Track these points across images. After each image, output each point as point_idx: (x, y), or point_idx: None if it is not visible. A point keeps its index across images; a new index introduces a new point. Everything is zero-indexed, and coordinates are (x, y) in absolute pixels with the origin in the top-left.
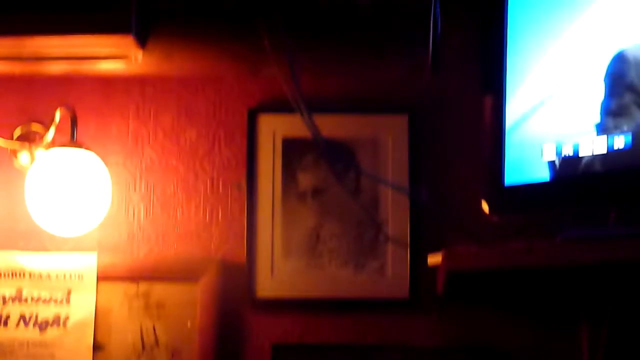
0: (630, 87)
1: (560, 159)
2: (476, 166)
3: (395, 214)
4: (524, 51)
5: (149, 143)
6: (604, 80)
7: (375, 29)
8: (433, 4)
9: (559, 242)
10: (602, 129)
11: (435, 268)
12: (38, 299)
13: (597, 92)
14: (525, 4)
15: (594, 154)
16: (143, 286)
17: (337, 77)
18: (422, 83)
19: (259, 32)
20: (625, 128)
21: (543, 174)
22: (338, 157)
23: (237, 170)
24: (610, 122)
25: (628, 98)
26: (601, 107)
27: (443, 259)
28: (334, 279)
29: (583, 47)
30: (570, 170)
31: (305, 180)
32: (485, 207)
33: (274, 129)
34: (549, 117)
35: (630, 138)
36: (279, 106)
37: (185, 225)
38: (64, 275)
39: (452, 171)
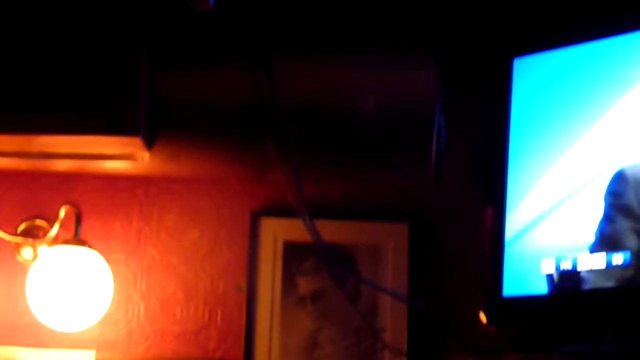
0: (627, 210)
1: (559, 273)
2: (475, 277)
3: (394, 322)
4: (526, 165)
5: (152, 242)
6: (604, 199)
7: (378, 138)
8: (436, 115)
9: (556, 358)
10: (596, 250)
11: None
12: None
13: (598, 209)
14: (528, 119)
15: (593, 269)
16: None
17: (340, 184)
18: (423, 192)
19: (264, 137)
20: (623, 248)
21: (541, 287)
22: (338, 262)
23: (238, 271)
24: (604, 246)
25: (623, 224)
26: (597, 228)
27: None
28: None
29: (586, 163)
30: (568, 285)
31: (305, 284)
32: (483, 318)
33: (276, 233)
34: (549, 231)
35: (629, 255)
36: (282, 210)
37: (184, 324)
38: None
39: (452, 281)
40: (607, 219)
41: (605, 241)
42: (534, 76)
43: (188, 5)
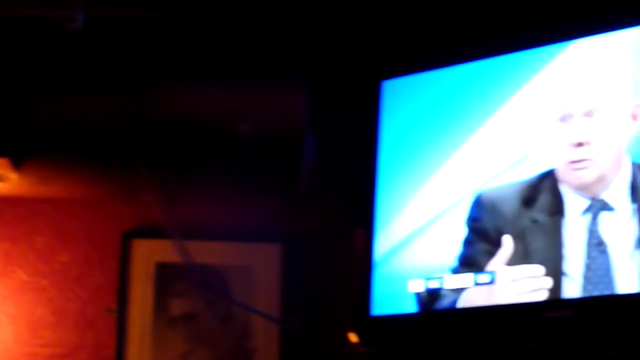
0: (484, 234)
1: (427, 292)
2: (346, 297)
3: (266, 344)
4: (396, 187)
5: (20, 264)
6: (465, 225)
7: (251, 161)
8: (306, 138)
9: None
10: (458, 272)
11: None
12: None
13: (460, 231)
14: (398, 141)
15: (460, 288)
16: None
17: (212, 205)
18: (295, 213)
19: (135, 158)
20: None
21: (410, 306)
22: (210, 284)
23: (109, 293)
24: (461, 269)
25: (480, 247)
26: (458, 253)
27: None
28: None
29: (452, 186)
30: (436, 303)
31: (177, 306)
32: (353, 338)
33: (148, 254)
34: (417, 252)
35: (494, 275)
36: (154, 231)
37: (54, 347)
38: None
39: (323, 301)
40: (467, 242)
41: (466, 263)
42: (402, 99)
43: (57, 24)
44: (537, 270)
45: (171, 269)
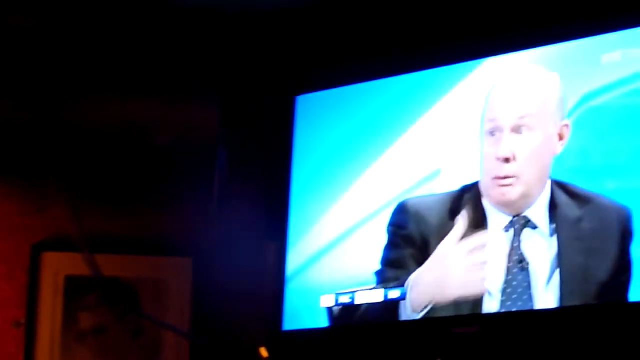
0: (409, 240)
1: (338, 307)
2: (258, 311)
3: (177, 358)
4: (309, 202)
5: None
6: (386, 230)
7: (163, 174)
8: (219, 152)
9: None
10: (380, 278)
11: None
12: None
13: (379, 242)
14: (312, 156)
15: (371, 302)
16: None
17: (123, 218)
18: (207, 228)
19: (45, 171)
20: (402, 279)
21: (322, 321)
22: (119, 297)
23: (18, 307)
24: (388, 272)
25: (406, 251)
26: (382, 257)
27: None
28: None
29: (365, 201)
30: (347, 318)
31: (86, 319)
32: (264, 352)
33: (58, 267)
34: (329, 267)
35: (405, 290)
36: (64, 244)
37: None
38: None
39: (235, 316)
40: (391, 246)
41: (388, 269)
42: (317, 113)
43: None
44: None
45: (81, 282)
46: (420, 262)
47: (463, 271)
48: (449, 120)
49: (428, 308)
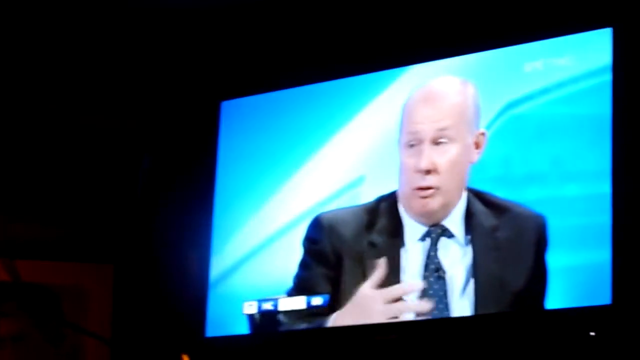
0: (321, 256)
1: (261, 314)
2: (180, 318)
3: None
4: (233, 208)
5: None
6: (302, 244)
7: (87, 181)
8: (143, 159)
9: None
10: (294, 294)
11: None
12: None
13: (298, 253)
14: (237, 162)
15: (293, 310)
16: None
17: (45, 224)
18: (128, 234)
19: None
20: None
21: (244, 329)
22: (39, 304)
23: None
24: (300, 291)
25: (317, 270)
26: (295, 273)
27: None
28: None
29: (288, 208)
30: (269, 325)
31: (5, 326)
32: (186, 359)
33: None
34: (252, 274)
35: (328, 297)
36: None
37: None
38: None
39: (157, 323)
40: (304, 264)
41: (302, 286)
42: (242, 119)
43: None
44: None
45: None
46: (333, 281)
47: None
48: (372, 129)
49: None
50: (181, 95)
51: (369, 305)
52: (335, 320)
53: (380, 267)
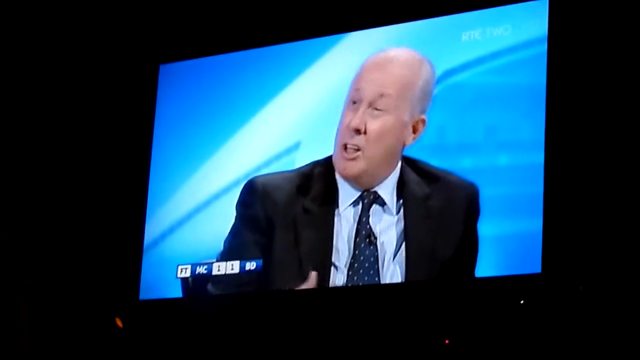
0: (254, 222)
1: (194, 277)
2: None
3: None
4: (169, 171)
5: None
6: (235, 209)
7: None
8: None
9: None
10: (231, 254)
11: None
12: None
13: (232, 217)
14: (175, 125)
15: (227, 274)
16: None
17: None
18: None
19: None
20: (250, 256)
21: (178, 291)
22: None
23: None
24: (231, 256)
25: (248, 237)
26: (226, 239)
27: None
28: None
29: (224, 172)
30: (202, 289)
31: None
32: (119, 322)
33: None
34: (186, 237)
35: (261, 262)
36: None
37: None
38: None
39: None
40: (235, 230)
41: (232, 252)
42: (180, 83)
43: None
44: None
45: None
46: (264, 248)
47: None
48: (309, 95)
49: None
50: (120, 57)
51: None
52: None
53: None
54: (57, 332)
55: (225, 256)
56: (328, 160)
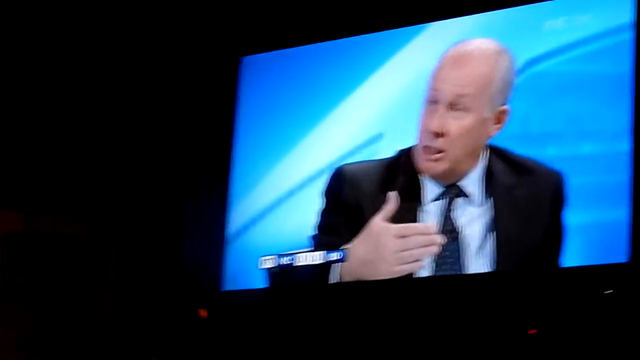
0: (343, 207)
1: (278, 268)
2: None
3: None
4: (252, 162)
5: None
6: (323, 196)
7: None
8: None
9: None
10: (315, 243)
11: None
12: None
13: (317, 206)
14: (257, 116)
15: (310, 263)
16: None
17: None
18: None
19: None
20: (337, 244)
21: (261, 282)
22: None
23: None
24: (322, 238)
25: (339, 218)
26: (317, 223)
27: None
28: None
29: (306, 162)
30: (286, 279)
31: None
32: (203, 313)
33: None
34: (270, 228)
35: (344, 253)
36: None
37: None
38: None
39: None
40: (323, 219)
41: (323, 236)
42: (262, 74)
43: None
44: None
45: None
46: (354, 230)
47: (392, 260)
48: (392, 86)
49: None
50: (202, 51)
51: (381, 238)
52: (348, 251)
53: (393, 200)
54: (141, 324)
55: (314, 240)
56: (411, 152)
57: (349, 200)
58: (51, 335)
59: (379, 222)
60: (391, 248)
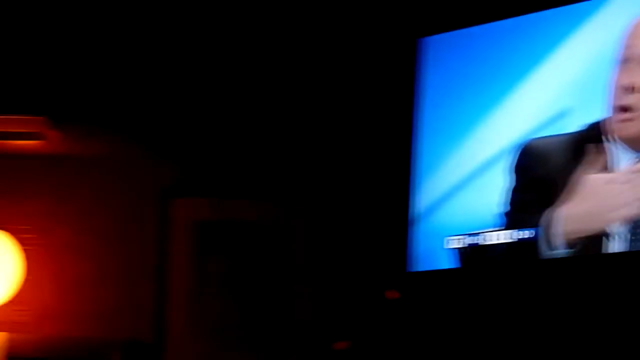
0: (535, 182)
1: (465, 247)
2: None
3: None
4: (433, 143)
5: (60, 223)
6: (513, 173)
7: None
8: None
9: None
10: (508, 220)
11: None
12: None
13: (505, 184)
14: (436, 97)
15: (500, 243)
16: None
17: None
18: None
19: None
20: (530, 221)
21: (445, 262)
22: (246, 243)
23: (148, 251)
24: (516, 214)
25: (532, 194)
26: (509, 199)
27: None
28: None
29: (492, 140)
30: (475, 259)
31: (216, 264)
32: (394, 294)
33: (186, 213)
34: (456, 208)
35: (536, 230)
36: (192, 190)
37: (95, 305)
38: None
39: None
40: (516, 191)
41: (516, 212)
42: (442, 54)
43: None
44: None
45: (210, 227)
46: (548, 204)
47: (618, 205)
48: (577, 60)
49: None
50: (379, 33)
51: (599, 189)
52: (560, 214)
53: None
54: (331, 308)
55: (502, 223)
56: (600, 125)
57: (539, 176)
58: (244, 320)
59: (591, 176)
60: (615, 192)
